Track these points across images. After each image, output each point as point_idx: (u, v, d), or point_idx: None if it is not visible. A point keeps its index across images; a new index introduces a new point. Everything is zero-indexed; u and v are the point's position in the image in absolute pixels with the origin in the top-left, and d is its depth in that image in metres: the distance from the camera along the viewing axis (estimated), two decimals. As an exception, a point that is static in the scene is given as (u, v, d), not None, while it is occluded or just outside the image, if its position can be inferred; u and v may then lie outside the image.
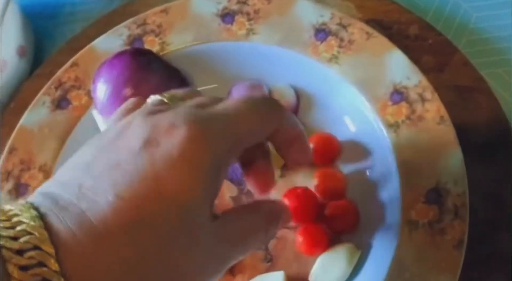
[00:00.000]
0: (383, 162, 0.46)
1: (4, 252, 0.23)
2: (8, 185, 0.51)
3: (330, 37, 0.50)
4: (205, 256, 0.27)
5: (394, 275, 0.42)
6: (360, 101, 0.47)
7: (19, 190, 0.51)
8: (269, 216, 0.32)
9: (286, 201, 0.46)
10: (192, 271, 0.26)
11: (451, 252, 0.41)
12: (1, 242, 0.23)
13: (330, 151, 0.48)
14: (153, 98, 0.32)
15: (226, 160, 0.29)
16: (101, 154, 0.28)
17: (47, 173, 0.51)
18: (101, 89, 0.49)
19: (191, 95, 0.33)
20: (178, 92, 0.34)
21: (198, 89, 0.54)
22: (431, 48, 0.53)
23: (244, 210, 0.33)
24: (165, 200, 0.25)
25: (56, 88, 0.54)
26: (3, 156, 0.52)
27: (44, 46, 0.67)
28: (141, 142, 0.27)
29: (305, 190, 0.47)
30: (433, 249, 0.41)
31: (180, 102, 0.31)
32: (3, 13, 0.57)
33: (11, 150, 0.52)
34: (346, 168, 0.49)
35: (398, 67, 0.47)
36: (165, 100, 0.32)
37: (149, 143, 0.27)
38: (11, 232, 0.23)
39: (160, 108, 0.30)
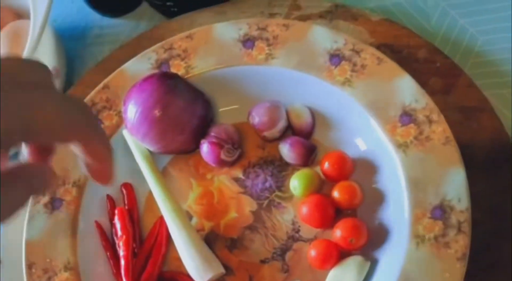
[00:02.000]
0: (392, 180, 0.49)
1: None
2: (44, 199, 0.55)
3: (343, 62, 0.53)
4: None
5: (402, 285, 0.45)
6: (371, 122, 0.51)
7: (54, 204, 0.55)
8: (27, 184, 0.31)
9: (305, 207, 0.51)
10: None
11: (454, 264, 0.44)
12: None
13: (343, 169, 0.52)
14: None
15: (7, 140, 0.27)
16: None
17: (80, 188, 0.56)
18: (131, 111, 0.53)
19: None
20: None
21: (220, 110, 0.58)
22: (439, 71, 0.56)
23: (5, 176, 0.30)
24: None
25: (89, 108, 0.58)
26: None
27: (74, 67, 0.72)
28: None
29: (323, 197, 0.51)
30: (438, 261, 0.45)
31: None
32: (39, 35, 0.61)
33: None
34: (357, 184, 0.52)
35: (407, 90, 0.51)
36: None
37: None
38: None
39: None
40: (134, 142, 0.56)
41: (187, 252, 0.51)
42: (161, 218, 0.54)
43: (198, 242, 0.52)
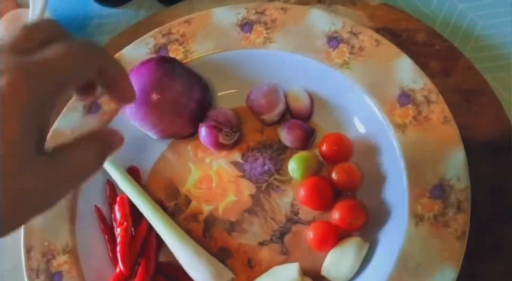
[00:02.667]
0: (392, 160, 0.49)
1: None
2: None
3: (341, 44, 0.53)
4: (33, 183, 0.30)
5: (400, 265, 0.45)
6: (369, 103, 0.51)
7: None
8: (102, 144, 0.35)
9: (303, 190, 0.50)
10: (20, 194, 0.30)
11: (454, 243, 0.44)
12: None
13: (342, 150, 0.52)
14: None
15: (49, 99, 0.32)
16: None
17: (79, 172, 0.55)
18: (130, 94, 0.53)
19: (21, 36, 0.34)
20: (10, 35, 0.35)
21: (219, 94, 0.58)
22: (438, 54, 0.56)
23: (77, 143, 0.34)
24: None
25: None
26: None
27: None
28: None
29: (321, 178, 0.51)
30: (437, 241, 0.44)
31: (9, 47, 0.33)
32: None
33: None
34: (356, 166, 0.51)
35: (405, 71, 0.50)
36: None
37: None
38: None
39: None
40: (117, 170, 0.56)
41: (192, 266, 0.51)
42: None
43: (201, 253, 0.51)
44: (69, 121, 0.57)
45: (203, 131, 0.54)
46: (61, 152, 0.33)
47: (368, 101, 0.51)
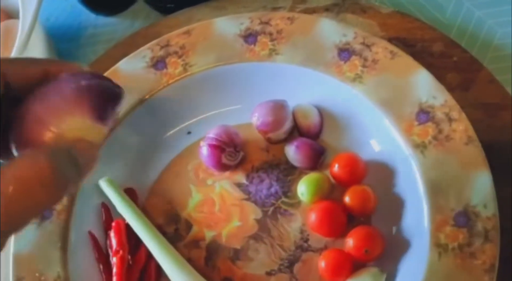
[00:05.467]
0: (410, 184, 0.45)
1: None
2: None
3: (353, 57, 0.49)
4: None
5: (422, 300, 0.41)
6: (385, 121, 0.47)
7: (43, 214, 0.51)
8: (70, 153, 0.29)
9: (314, 215, 0.47)
10: None
11: (482, 276, 0.40)
12: None
13: (356, 172, 0.48)
14: None
15: None
16: None
17: (71, 196, 0.52)
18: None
19: None
20: None
21: (222, 110, 0.54)
22: (456, 66, 0.52)
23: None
24: None
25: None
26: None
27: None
28: None
29: (333, 203, 0.47)
30: (463, 274, 0.41)
31: None
32: (28, 35, 0.58)
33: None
34: (371, 189, 0.48)
35: (424, 86, 0.47)
36: None
37: None
38: None
39: None
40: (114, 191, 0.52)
41: None
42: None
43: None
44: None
45: (204, 151, 0.50)
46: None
47: (383, 118, 0.47)
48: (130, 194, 0.53)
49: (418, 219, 0.44)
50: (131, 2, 0.69)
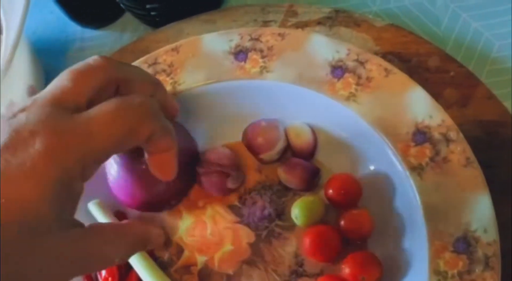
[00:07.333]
0: (407, 207, 0.44)
1: None
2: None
3: (347, 74, 0.47)
4: (50, 262, 0.27)
5: (422, 330, 0.40)
6: (380, 141, 0.45)
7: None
8: (134, 242, 0.34)
9: (308, 241, 0.45)
10: (34, 274, 0.27)
11: (483, 306, 0.39)
12: None
13: (351, 194, 0.46)
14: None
15: (80, 172, 0.29)
16: None
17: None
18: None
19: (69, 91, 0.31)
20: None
21: (212, 129, 0.52)
22: (453, 81, 0.51)
23: (112, 230, 0.33)
24: (10, 209, 0.26)
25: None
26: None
27: (54, 83, 0.66)
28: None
29: (327, 227, 0.45)
30: (464, 303, 0.39)
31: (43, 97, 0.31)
32: (12, 52, 0.56)
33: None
34: (367, 211, 0.46)
35: (420, 104, 0.45)
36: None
37: (6, 149, 0.27)
38: None
39: (24, 105, 0.30)
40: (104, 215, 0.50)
41: None
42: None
43: None
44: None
45: (208, 179, 0.49)
46: (92, 232, 0.31)
47: (378, 138, 0.45)
48: (121, 217, 0.52)
49: (416, 244, 0.42)
50: (118, 14, 0.68)
